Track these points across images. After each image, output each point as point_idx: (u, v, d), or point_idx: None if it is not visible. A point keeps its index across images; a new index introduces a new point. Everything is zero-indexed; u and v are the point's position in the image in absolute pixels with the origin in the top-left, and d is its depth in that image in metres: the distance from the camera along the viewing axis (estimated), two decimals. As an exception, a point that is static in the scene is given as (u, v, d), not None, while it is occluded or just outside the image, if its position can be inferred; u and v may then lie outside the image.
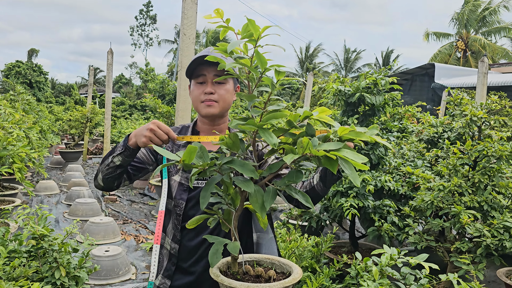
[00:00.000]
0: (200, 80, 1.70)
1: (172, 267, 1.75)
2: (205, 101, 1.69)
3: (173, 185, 1.74)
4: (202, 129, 1.82)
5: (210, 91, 1.68)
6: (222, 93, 1.70)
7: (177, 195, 1.72)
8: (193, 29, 3.53)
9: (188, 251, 1.75)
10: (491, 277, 4.49)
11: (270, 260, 1.42)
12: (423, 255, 1.82)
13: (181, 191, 1.72)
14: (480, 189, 3.10)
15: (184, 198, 1.71)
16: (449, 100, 3.77)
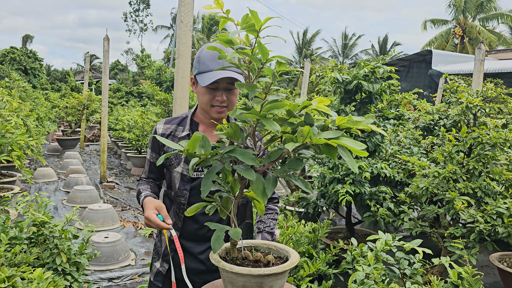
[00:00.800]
0: (213, 87, 1.72)
1: (171, 252, 1.81)
2: (217, 107, 1.74)
3: (176, 176, 1.80)
4: (201, 119, 1.86)
5: (223, 99, 1.73)
6: (232, 98, 1.77)
7: (180, 186, 1.79)
8: (190, 16, 3.52)
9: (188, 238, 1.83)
10: (484, 261, 4.58)
11: (267, 246, 1.46)
12: (417, 240, 1.87)
13: (184, 182, 1.79)
14: (474, 175, 3.14)
15: (187, 188, 1.79)
16: (446, 88, 3.80)
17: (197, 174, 1.81)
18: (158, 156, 1.87)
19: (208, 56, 1.72)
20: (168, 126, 1.87)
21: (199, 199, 1.72)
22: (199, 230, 1.82)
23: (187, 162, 1.79)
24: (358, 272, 1.94)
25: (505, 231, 2.75)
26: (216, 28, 35.50)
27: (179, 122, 1.87)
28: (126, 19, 48.07)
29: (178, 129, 1.86)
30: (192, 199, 1.80)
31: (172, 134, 1.85)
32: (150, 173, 1.94)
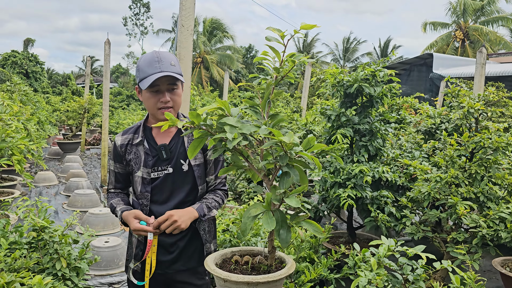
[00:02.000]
0: (155, 89, 1.86)
1: (140, 252, 1.99)
2: (162, 109, 1.87)
3: (137, 180, 1.96)
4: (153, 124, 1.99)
5: (167, 100, 1.87)
6: (176, 98, 1.91)
7: (142, 189, 1.95)
8: (191, 20, 3.52)
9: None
10: (487, 266, 4.55)
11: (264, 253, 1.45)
12: (420, 246, 1.85)
13: (145, 184, 1.95)
14: (476, 180, 3.13)
15: (148, 190, 1.95)
16: (447, 92, 3.79)
17: (157, 175, 1.95)
18: (121, 166, 2.02)
19: (146, 63, 1.86)
20: (125, 137, 2.01)
21: (161, 196, 1.95)
22: None
23: (146, 166, 1.94)
24: (361, 278, 1.92)
25: (508, 236, 2.73)
26: (217, 32, 35.56)
27: (134, 131, 2.01)
28: (125, 23, 48.19)
29: (134, 137, 1.99)
30: (154, 197, 1.96)
31: (130, 143, 1.99)
32: (116, 183, 2.08)
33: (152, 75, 1.82)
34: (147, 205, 1.97)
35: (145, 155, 1.95)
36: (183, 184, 1.98)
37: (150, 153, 1.95)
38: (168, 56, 1.88)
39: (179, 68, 1.92)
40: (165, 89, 1.86)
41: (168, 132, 2.00)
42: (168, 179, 1.96)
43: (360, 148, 3.88)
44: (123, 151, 1.99)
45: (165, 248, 1.97)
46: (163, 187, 1.96)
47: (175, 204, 1.95)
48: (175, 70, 1.87)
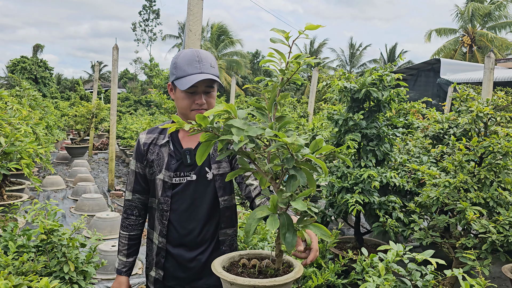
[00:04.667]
0: (191, 90, 1.77)
1: (161, 259, 1.88)
2: (196, 110, 1.78)
3: (158, 184, 1.85)
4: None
5: (202, 102, 1.78)
6: (211, 101, 1.82)
7: (162, 193, 1.84)
8: (199, 25, 3.53)
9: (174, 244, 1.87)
10: (496, 273, 4.49)
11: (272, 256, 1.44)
12: (429, 251, 1.83)
13: (165, 188, 1.83)
14: (485, 185, 3.09)
15: (169, 195, 1.83)
16: (456, 96, 3.76)
17: (178, 180, 1.84)
18: (142, 166, 1.91)
19: (185, 61, 1.76)
20: (150, 136, 1.92)
21: (181, 205, 1.83)
22: (186, 237, 1.84)
23: (168, 169, 1.83)
24: (368, 283, 1.90)
25: (518, 242, 2.69)
26: (224, 38, 35.72)
27: (160, 131, 1.92)
28: (134, 28, 48.58)
29: (159, 137, 1.90)
30: (174, 206, 1.84)
31: (154, 143, 1.90)
32: (135, 184, 1.96)
33: (192, 75, 1.74)
34: (167, 211, 1.85)
35: (169, 157, 1.85)
36: (205, 193, 1.85)
37: (174, 156, 1.85)
38: (208, 57, 1.79)
39: (217, 70, 1.83)
40: (202, 90, 1.78)
41: (195, 137, 1.88)
42: (190, 186, 1.84)
43: (368, 153, 3.86)
44: (145, 150, 1.89)
45: (185, 263, 1.86)
46: (184, 194, 1.84)
47: (196, 215, 1.83)
48: (215, 72, 1.79)
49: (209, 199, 1.84)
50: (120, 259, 1.99)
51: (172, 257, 1.87)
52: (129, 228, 1.97)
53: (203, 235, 1.84)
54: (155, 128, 1.94)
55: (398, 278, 2.07)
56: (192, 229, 1.83)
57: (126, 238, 1.98)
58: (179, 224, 1.83)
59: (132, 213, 1.96)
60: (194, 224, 1.83)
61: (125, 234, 1.98)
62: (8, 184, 5.61)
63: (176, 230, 1.84)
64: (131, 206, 1.97)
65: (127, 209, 1.97)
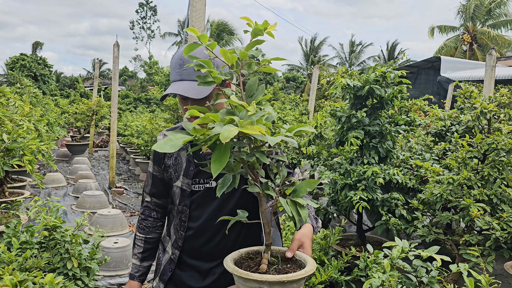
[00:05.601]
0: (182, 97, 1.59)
1: (168, 272, 1.75)
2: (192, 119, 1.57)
3: (176, 191, 1.70)
4: None
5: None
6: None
7: (180, 201, 1.69)
8: (202, 21, 3.52)
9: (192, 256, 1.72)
10: (498, 270, 4.49)
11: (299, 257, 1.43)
12: (434, 247, 1.83)
13: (184, 197, 1.68)
14: (489, 182, 3.09)
15: (187, 203, 1.68)
16: (459, 93, 3.76)
17: (198, 187, 1.68)
18: (160, 169, 1.76)
19: (172, 64, 1.60)
20: None
21: (201, 213, 1.67)
22: (203, 247, 1.70)
23: (187, 176, 1.67)
24: (374, 279, 1.90)
25: (522, 239, 2.69)
26: (224, 35, 35.68)
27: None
28: (133, 26, 48.50)
29: None
30: (193, 213, 1.69)
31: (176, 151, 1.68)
32: (153, 187, 1.82)
33: (173, 82, 1.57)
34: (185, 222, 1.70)
35: (187, 163, 1.68)
36: (227, 202, 1.68)
37: (192, 161, 1.67)
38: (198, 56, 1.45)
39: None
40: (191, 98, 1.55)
41: None
42: (209, 194, 1.67)
43: (370, 150, 3.86)
44: (163, 153, 1.72)
45: (199, 274, 1.71)
46: (202, 202, 1.68)
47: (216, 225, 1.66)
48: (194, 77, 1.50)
49: (231, 208, 1.67)
50: (134, 263, 1.84)
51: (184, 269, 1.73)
52: (146, 230, 1.83)
53: (222, 246, 1.69)
54: (176, 127, 1.72)
55: (403, 275, 2.07)
56: (210, 239, 1.68)
57: (142, 240, 1.83)
58: (197, 235, 1.68)
59: (150, 214, 1.84)
60: (213, 234, 1.68)
61: (141, 236, 1.83)
62: (9, 181, 5.60)
63: (193, 241, 1.70)
64: (148, 208, 1.84)
65: (145, 210, 1.84)
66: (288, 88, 33.45)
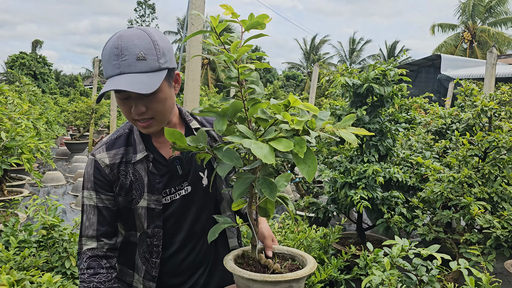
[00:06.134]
0: (123, 96, 1.28)
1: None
2: (139, 121, 1.32)
3: (141, 214, 1.40)
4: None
5: (141, 111, 1.29)
6: (155, 106, 1.30)
7: (150, 224, 1.41)
8: (201, 19, 3.50)
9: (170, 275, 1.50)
10: (498, 268, 4.48)
11: (288, 252, 1.42)
12: (434, 246, 1.82)
13: (153, 217, 1.41)
14: (490, 180, 3.08)
15: (159, 224, 1.41)
16: (460, 91, 3.75)
17: (170, 199, 1.43)
18: (109, 197, 1.38)
19: (105, 56, 1.25)
20: (114, 152, 1.39)
21: (179, 227, 1.45)
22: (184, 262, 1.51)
23: (153, 191, 1.39)
24: (373, 277, 1.89)
25: (522, 237, 2.68)
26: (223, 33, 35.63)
27: (125, 142, 1.41)
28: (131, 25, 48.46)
29: (129, 151, 1.40)
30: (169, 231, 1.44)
31: (125, 161, 1.39)
32: (99, 226, 1.38)
33: (110, 78, 1.24)
34: (158, 246, 1.42)
35: (150, 176, 1.39)
36: (206, 205, 1.50)
37: (157, 172, 1.40)
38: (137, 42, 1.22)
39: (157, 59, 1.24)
40: (135, 95, 1.26)
41: None
42: (186, 201, 1.46)
43: (370, 148, 3.85)
44: (116, 174, 1.37)
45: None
46: (179, 215, 1.45)
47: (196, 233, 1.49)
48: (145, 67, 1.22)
49: (209, 211, 1.51)
50: None
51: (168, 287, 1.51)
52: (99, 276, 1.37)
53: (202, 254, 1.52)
54: (114, 139, 1.42)
55: (403, 273, 2.06)
56: (191, 251, 1.50)
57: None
58: (177, 253, 1.47)
59: (101, 265, 1.37)
60: (195, 244, 1.50)
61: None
62: (8, 179, 5.59)
63: (173, 261, 1.48)
64: (96, 257, 1.37)
65: (91, 262, 1.36)
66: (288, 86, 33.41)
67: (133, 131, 1.42)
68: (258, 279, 1.16)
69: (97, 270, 1.36)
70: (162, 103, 1.31)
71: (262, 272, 1.27)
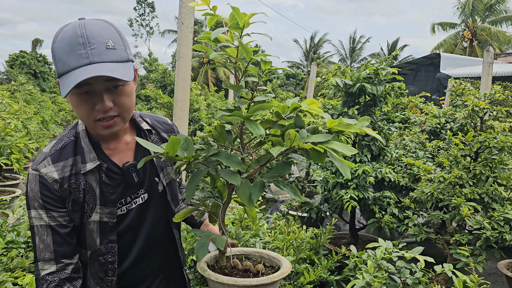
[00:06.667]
0: (85, 90, 1.16)
1: None
2: (102, 121, 1.20)
3: (93, 228, 1.27)
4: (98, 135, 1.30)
5: (106, 107, 1.17)
6: (122, 101, 1.21)
7: (103, 239, 1.29)
8: (191, 18, 3.48)
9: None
10: (492, 269, 4.46)
11: (259, 254, 1.40)
12: (418, 248, 1.80)
13: (106, 231, 1.29)
14: (481, 180, 3.05)
15: (113, 239, 1.30)
16: (451, 90, 3.72)
17: (126, 209, 1.33)
18: (62, 213, 1.23)
19: (64, 46, 1.13)
20: (62, 165, 1.24)
21: (135, 239, 1.35)
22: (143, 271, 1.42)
23: (106, 203, 1.27)
24: (358, 280, 1.87)
25: (512, 238, 2.65)
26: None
27: (73, 151, 1.26)
28: (131, 24, 48.44)
29: (78, 161, 1.25)
30: (125, 244, 1.33)
31: (74, 173, 1.24)
32: (57, 247, 1.22)
33: (75, 69, 1.11)
34: (113, 262, 1.31)
35: (102, 187, 1.27)
36: (163, 212, 1.43)
37: (110, 182, 1.29)
38: (103, 33, 1.15)
39: (125, 49, 1.20)
40: (102, 89, 1.16)
41: (125, 144, 1.35)
42: (143, 210, 1.36)
43: (363, 148, 3.82)
44: (66, 189, 1.22)
45: None
46: (135, 223, 1.35)
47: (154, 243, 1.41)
48: (116, 56, 1.16)
49: (165, 218, 1.43)
50: None
51: None
52: None
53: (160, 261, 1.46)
54: (60, 151, 1.26)
55: (390, 275, 2.04)
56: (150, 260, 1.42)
57: None
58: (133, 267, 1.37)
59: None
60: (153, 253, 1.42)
61: None
62: (2, 179, 5.58)
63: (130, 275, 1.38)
64: (59, 281, 1.23)
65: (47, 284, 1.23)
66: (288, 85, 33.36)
67: (80, 139, 1.28)
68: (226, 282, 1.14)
69: None
70: (129, 97, 1.23)
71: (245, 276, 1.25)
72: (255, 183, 1.13)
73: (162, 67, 8.41)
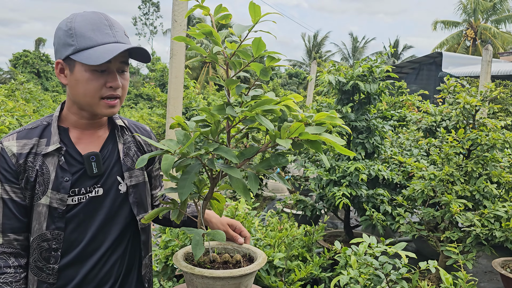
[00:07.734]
0: (101, 68, 1.25)
1: None
2: (108, 100, 1.28)
3: (41, 212, 1.26)
4: (73, 122, 1.35)
5: (119, 85, 1.29)
6: (126, 84, 1.33)
7: (50, 225, 1.26)
8: (183, 15, 3.49)
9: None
10: (488, 267, 4.45)
11: (231, 246, 1.41)
12: (401, 244, 1.80)
13: (54, 217, 1.27)
14: (473, 178, 3.05)
15: (61, 226, 1.27)
16: (443, 88, 3.71)
17: (77, 200, 1.30)
18: (16, 189, 1.26)
19: (88, 25, 1.24)
20: (24, 142, 1.27)
21: (82, 234, 1.31)
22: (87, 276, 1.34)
23: (58, 189, 1.27)
24: (342, 276, 1.87)
25: (502, 235, 2.65)
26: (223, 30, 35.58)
27: (40, 133, 1.30)
28: (135, 23, 48.58)
29: (41, 142, 1.29)
30: (71, 236, 1.30)
31: (34, 152, 1.27)
32: (6, 220, 1.25)
33: (106, 44, 1.23)
34: (57, 250, 1.28)
35: (59, 171, 1.27)
36: (118, 213, 1.37)
37: (67, 168, 1.28)
38: (119, 23, 1.32)
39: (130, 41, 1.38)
40: (116, 68, 1.28)
41: (97, 137, 1.38)
42: (95, 205, 1.33)
43: (357, 146, 3.82)
44: (22, 164, 1.25)
45: None
46: (85, 218, 1.31)
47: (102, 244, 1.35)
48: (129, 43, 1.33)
49: (122, 220, 1.38)
50: None
51: None
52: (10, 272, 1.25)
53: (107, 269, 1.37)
54: (30, 130, 1.30)
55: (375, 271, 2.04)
56: (96, 264, 1.34)
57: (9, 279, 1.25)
58: (77, 262, 1.32)
59: (9, 263, 1.25)
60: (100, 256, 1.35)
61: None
62: None
63: (72, 272, 1.32)
64: (4, 254, 1.25)
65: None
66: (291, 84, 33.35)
67: (51, 124, 1.32)
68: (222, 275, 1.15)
69: (3, 270, 1.23)
70: (128, 83, 1.36)
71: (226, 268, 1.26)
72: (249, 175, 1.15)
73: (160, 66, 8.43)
